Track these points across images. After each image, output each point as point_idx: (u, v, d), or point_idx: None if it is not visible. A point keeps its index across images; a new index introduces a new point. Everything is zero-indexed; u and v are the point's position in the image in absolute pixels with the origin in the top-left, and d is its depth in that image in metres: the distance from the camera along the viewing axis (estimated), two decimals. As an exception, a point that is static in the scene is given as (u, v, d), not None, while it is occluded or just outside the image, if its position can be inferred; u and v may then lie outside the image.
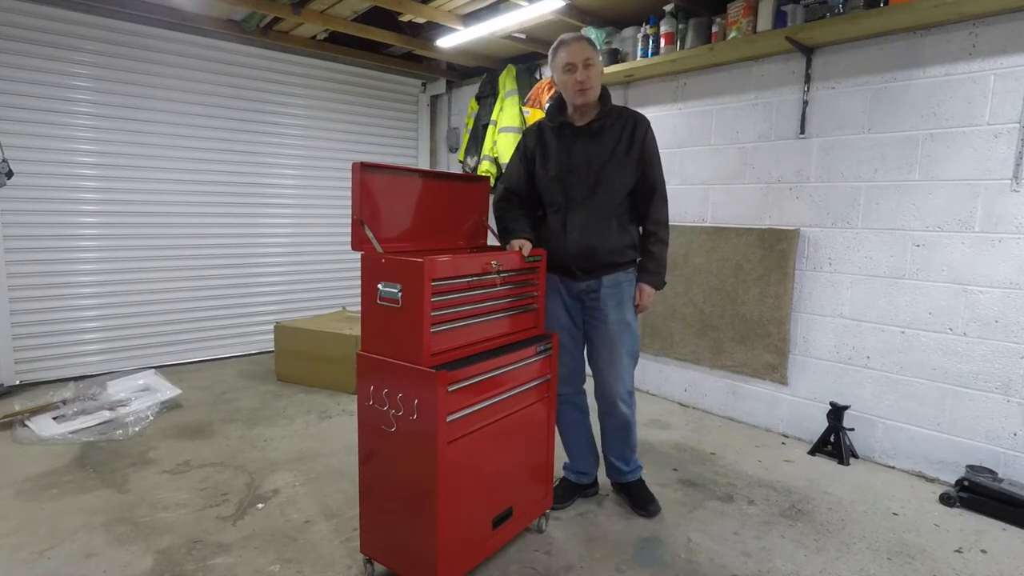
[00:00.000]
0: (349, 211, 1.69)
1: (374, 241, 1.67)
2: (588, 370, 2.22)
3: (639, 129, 2.06)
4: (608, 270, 2.08)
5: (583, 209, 2.05)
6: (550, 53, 2.06)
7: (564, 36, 2.03)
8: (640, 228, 2.15)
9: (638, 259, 2.14)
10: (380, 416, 1.66)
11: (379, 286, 1.60)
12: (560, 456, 2.28)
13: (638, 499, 2.24)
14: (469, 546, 1.74)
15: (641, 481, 2.29)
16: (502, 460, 1.83)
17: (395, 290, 1.56)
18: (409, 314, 1.55)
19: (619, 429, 2.20)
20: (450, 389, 1.56)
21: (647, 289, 2.13)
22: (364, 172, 1.66)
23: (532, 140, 2.16)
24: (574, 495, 2.31)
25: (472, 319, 1.71)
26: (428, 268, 1.50)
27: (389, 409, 1.63)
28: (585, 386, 2.27)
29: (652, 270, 2.13)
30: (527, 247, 1.94)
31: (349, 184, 1.67)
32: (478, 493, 1.75)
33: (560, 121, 2.10)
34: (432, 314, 1.55)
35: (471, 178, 2.12)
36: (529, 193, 2.18)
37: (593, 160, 2.04)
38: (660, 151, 2.14)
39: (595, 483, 2.37)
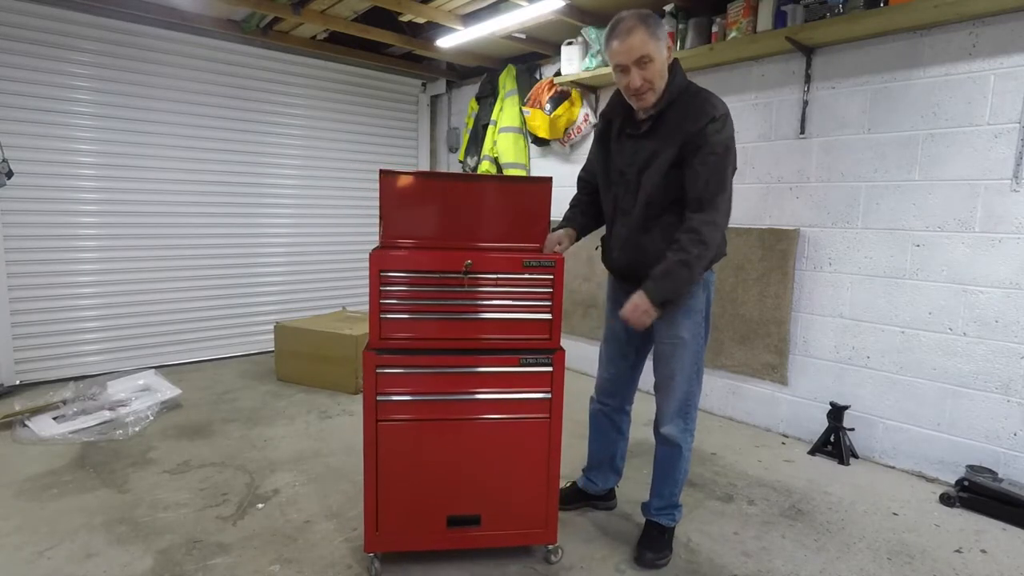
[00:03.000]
0: (349, 211, 1.75)
1: (382, 236, 1.80)
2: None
3: (695, 119, 1.66)
4: None
5: (628, 220, 1.84)
6: (604, 38, 1.71)
7: (618, 19, 1.67)
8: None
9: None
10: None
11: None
12: (575, 466, 2.18)
13: (646, 541, 1.95)
14: (409, 529, 1.81)
15: (664, 529, 1.96)
16: (463, 463, 1.81)
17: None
18: (371, 299, 1.70)
19: (661, 457, 1.95)
20: (377, 371, 1.70)
21: (636, 296, 1.71)
22: (386, 176, 1.81)
23: (602, 124, 1.95)
24: (579, 500, 2.23)
25: (434, 314, 1.72)
26: (376, 259, 1.67)
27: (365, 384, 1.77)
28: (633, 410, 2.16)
29: (653, 275, 1.70)
30: (565, 242, 1.88)
31: (349, 184, 1.73)
32: (423, 482, 1.79)
33: (622, 114, 1.84)
34: (382, 302, 1.69)
35: (533, 180, 1.94)
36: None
37: (637, 162, 1.78)
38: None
39: (610, 496, 2.26)
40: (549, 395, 1.80)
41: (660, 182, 1.74)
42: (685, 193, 1.71)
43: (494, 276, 1.73)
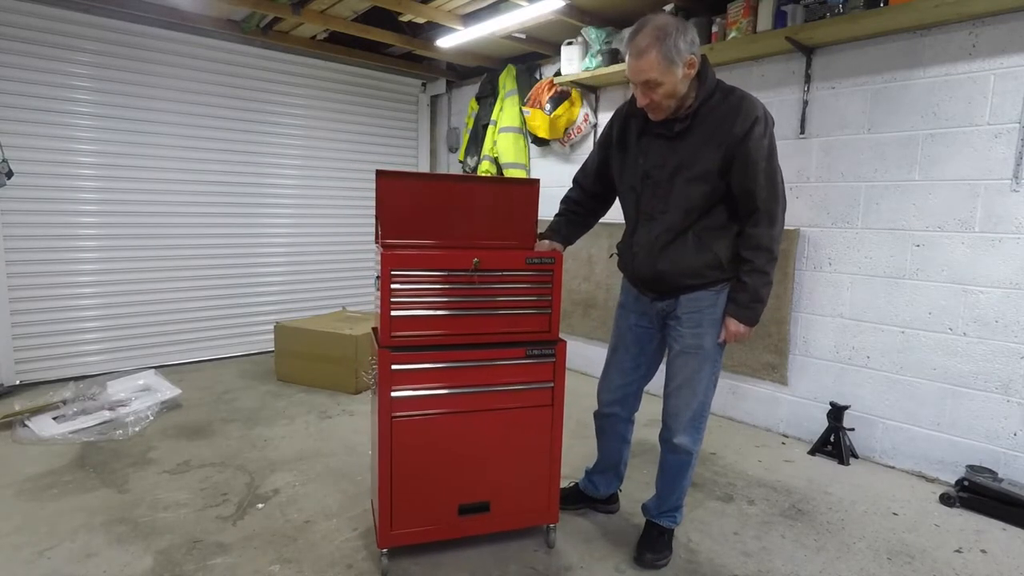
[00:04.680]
0: (349, 211, 1.77)
1: (379, 236, 1.85)
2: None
3: (739, 124, 1.62)
4: (687, 290, 1.79)
5: (654, 224, 1.77)
6: (627, 39, 1.67)
7: (638, 27, 1.62)
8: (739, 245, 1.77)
9: (733, 278, 1.78)
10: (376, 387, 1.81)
11: (376, 274, 1.78)
12: (576, 466, 2.21)
13: (645, 542, 1.95)
14: (426, 520, 1.84)
15: (664, 530, 1.96)
16: (473, 453, 1.86)
17: (378, 276, 1.74)
18: (382, 298, 1.72)
19: (671, 466, 1.92)
20: (393, 368, 1.72)
21: (732, 325, 1.76)
22: (383, 178, 1.88)
23: (616, 126, 1.89)
24: (580, 501, 2.22)
25: (443, 311, 1.77)
26: (387, 259, 1.69)
27: (373, 382, 1.80)
28: (636, 415, 2.11)
29: (742, 303, 1.74)
30: (557, 248, 1.91)
31: (349, 184, 1.75)
32: (436, 474, 1.82)
33: (644, 113, 1.75)
34: (394, 300, 1.71)
35: (522, 182, 2.05)
36: (595, 185, 2.00)
37: (669, 163, 1.72)
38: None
39: (612, 500, 2.24)
40: (552, 385, 1.90)
41: (701, 187, 1.69)
42: (739, 202, 1.71)
43: (499, 273, 1.80)
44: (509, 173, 4.29)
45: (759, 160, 1.64)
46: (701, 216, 1.73)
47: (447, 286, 1.76)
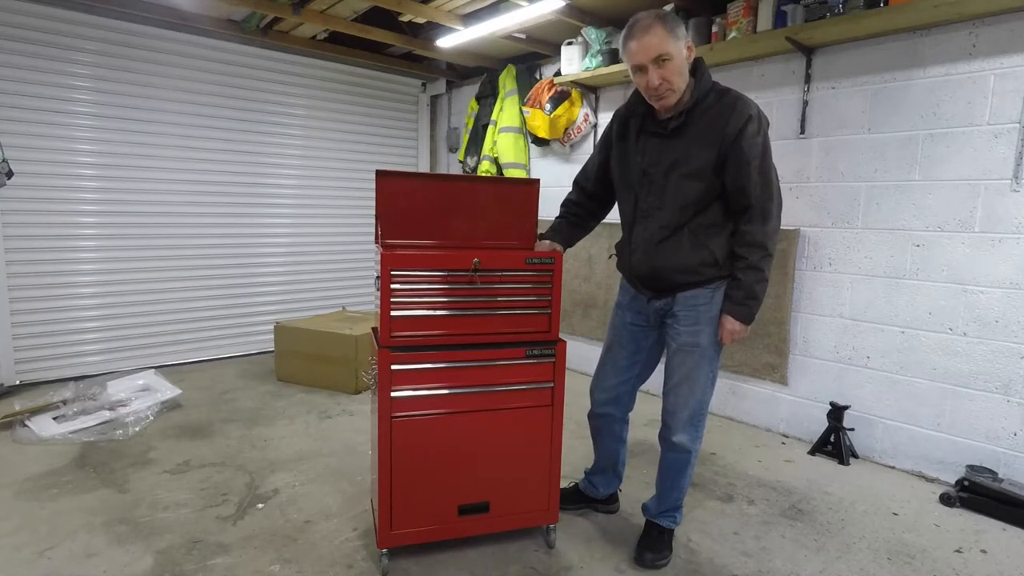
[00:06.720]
0: (349, 211, 1.76)
1: (378, 236, 1.86)
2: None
3: (732, 122, 1.64)
4: (683, 288, 1.80)
5: (650, 221, 1.79)
6: (621, 40, 1.70)
7: (635, 19, 1.66)
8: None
9: (729, 276, 1.78)
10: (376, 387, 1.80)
11: (375, 274, 1.78)
12: (576, 466, 2.22)
13: (645, 542, 1.95)
14: (425, 520, 1.84)
15: (664, 530, 1.96)
16: (473, 453, 1.86)
17: (378, 276, 1.75)
18: (382, 297, 1.72)
19: (670, 464, 1.92)
20: (393, 368, 1.72)
21: (728, 323, 1.77)
22: (381, 178, 1.88)
23: (616, 127, 1.92)
24: (580, 502, 2.23)
25: (443, 311, 1.78)
26: (387, 260, 1.69)
27: (373, 382, 1.81)
28: (631, 414, 2.11)
29: (736, 300, 1.74)
30: (557, 249, 1.93)
31: (349, 184, 1.74)
32: (436, 474, 1.83)
33: (643, 113, 1.79)
34: (394, 300, 1.72)
35: (522, 182, 2.06)
36: (596, 187, 2.02)
37: (664, 162, 1.74)
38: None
39: (612, 500, 2.24)
40: (552, 385, 1.90)
41: (695, 185, 1.71)
42: (732, 200, 1.73)
43: (500, 273, 1.80)
44: (509, 173, 4.29)
45: (752, 158, 1.66)
46: (696, 213, 1.75)
47: (447, 286, 1.76)
